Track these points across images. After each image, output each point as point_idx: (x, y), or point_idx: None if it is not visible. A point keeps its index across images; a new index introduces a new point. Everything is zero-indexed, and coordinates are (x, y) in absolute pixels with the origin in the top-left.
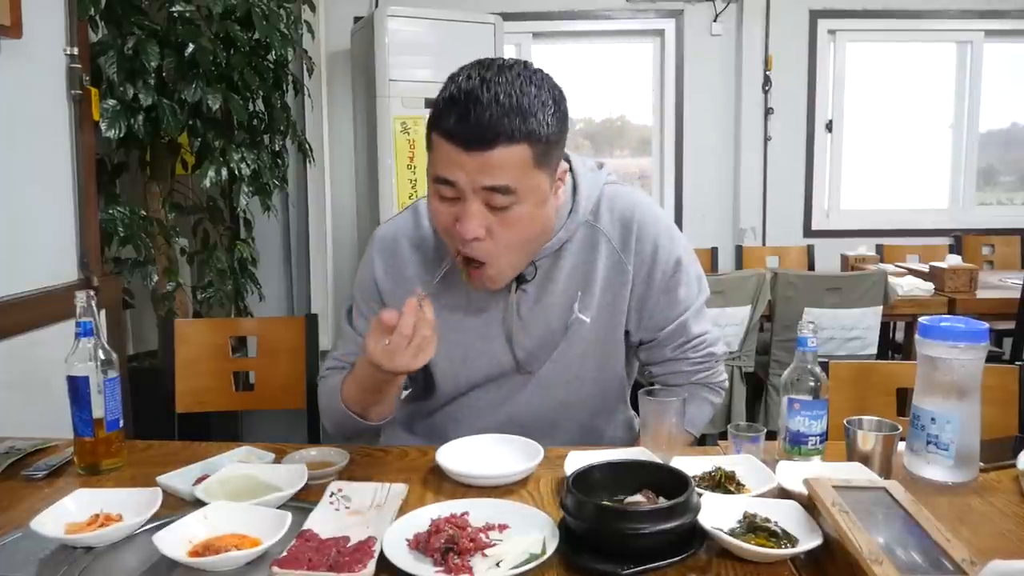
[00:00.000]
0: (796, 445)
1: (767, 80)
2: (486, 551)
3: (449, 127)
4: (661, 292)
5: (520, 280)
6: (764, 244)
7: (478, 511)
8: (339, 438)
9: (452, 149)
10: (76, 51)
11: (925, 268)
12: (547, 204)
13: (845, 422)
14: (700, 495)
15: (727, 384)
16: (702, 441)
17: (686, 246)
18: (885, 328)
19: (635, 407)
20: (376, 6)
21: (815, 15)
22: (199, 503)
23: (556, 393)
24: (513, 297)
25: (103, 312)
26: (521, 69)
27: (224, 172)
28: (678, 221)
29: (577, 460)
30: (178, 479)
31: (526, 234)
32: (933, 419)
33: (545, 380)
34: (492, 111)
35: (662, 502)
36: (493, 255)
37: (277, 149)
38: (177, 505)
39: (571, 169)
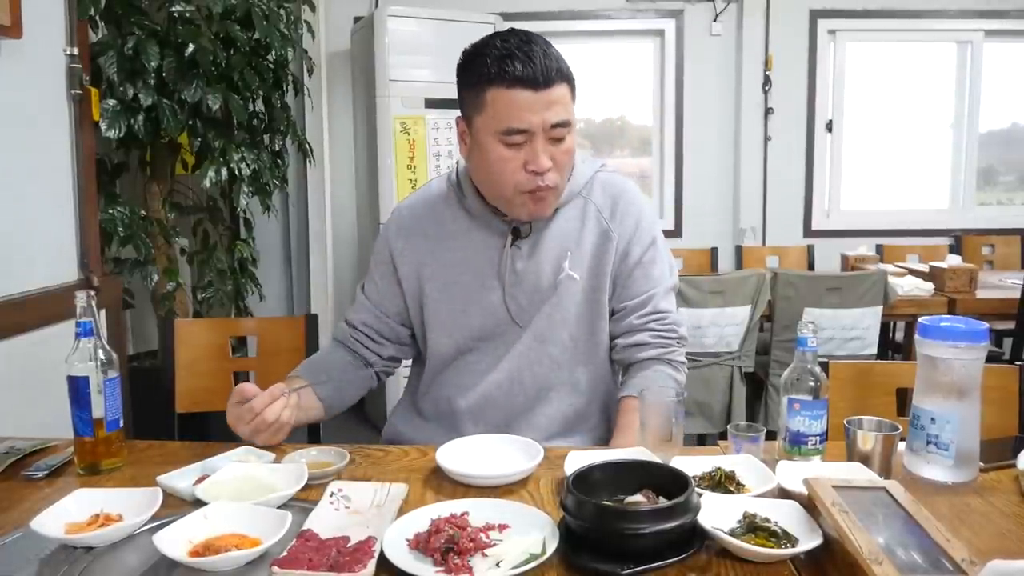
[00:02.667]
0: (796, 445)
1: (767, 80)
2: (486, 551)
3: (518, 74)
4: (636, 265)
5: (516, 236)
6: (764, 244)
7: (478, 511)
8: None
9: (521, 94)
10: (76, 51)
11: (925, 268)
12: None
13: (845, 422)
14: (700, 495)
15: (686, 368)
16: (702, 441)
17: (662, 235)
18: (885, 328)
19: None
20: (376, 6)
21: (815, 15)
22: (199, 503)
23: (550, 351)
24: (508, 251)
25: (103, 312)
26: (533, 33)
27: (224, 172)
28: (678, 221)
29: (577, 460)
30: (178, 479)
31: (572, 159)
32: (933, 419)
33: (539, 334)
34: (546, 56)
35: (662, 502)
36: (557, 180)
37: (277, 149)
38: (177, 505)
39: None
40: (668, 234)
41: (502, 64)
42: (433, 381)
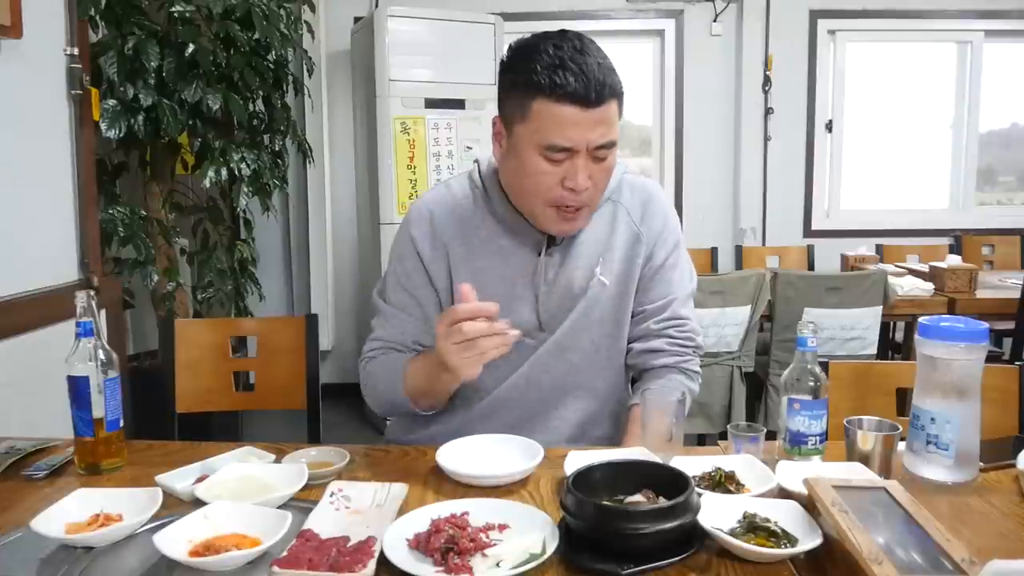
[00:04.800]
0: (796, 445)
1: (767, 80)
2: (486, 551)
3: (569, 89)
4: (659, 268)
5: (550, 243)
6: (764, 244)
7: (478, 511)
8: (380, 413)
9: (569, 110)
10: (76, 51)
11: (925, 268)
12: None
13: (845, 422)
14: (700, 495)
15: (701, 379)
16: (702, 441)
17: (683, 239)
18: (885, 328)
19: None
20: (376, 6)
21: (815, 15)
22: (199, 503)
23: (571, 356)
24: (542, 260)
25: (103, 312)
26: (586, 37)
27: (224, 172)
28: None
29: (577, 460)
30: (178, 479)
31: (610, 176)
32: (933, 419)
33: (562, 339)
34: (601, 71)
35: (662, 502)
36: (593, 198)
37: (277, 149)
38: (177, 505)
39: None
40: None
41: (553, 75)
42: None
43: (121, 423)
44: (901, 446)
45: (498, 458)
